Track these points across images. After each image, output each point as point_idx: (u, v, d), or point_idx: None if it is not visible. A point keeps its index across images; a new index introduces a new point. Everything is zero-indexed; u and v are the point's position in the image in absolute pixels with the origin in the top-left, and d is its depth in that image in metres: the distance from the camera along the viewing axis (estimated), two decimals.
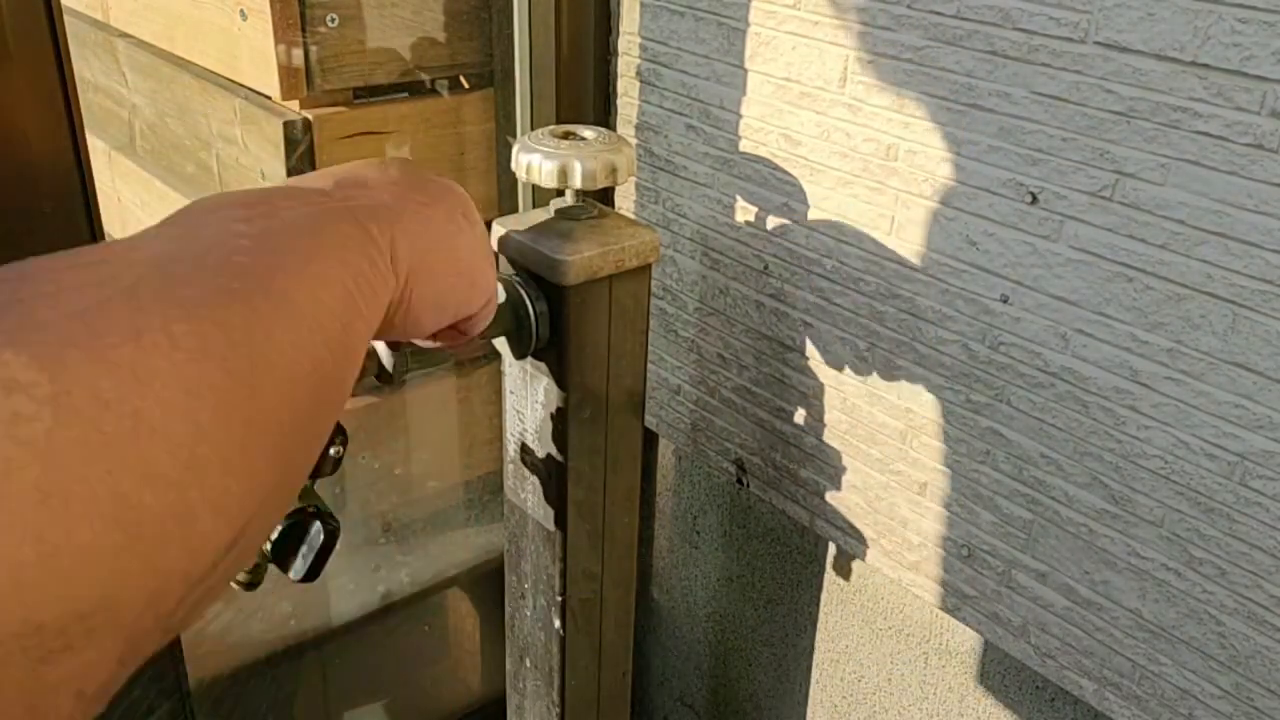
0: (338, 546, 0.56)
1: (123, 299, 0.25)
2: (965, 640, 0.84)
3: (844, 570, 0.93)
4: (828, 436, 0.85)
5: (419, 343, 0.54)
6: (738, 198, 0.86)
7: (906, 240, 0.73)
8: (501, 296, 0.68)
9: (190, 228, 0.31)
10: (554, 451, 0.71)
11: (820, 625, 0.98)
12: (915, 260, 0.73)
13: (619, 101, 0.94)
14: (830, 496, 0.87)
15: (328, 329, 0.31)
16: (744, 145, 0.83)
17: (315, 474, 0.56)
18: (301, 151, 0.89)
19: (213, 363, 0.26)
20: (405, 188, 0.41)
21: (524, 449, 0.74)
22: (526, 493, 0.75)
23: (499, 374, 0.76)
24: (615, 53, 0.93)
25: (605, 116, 0.96)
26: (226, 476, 0.26)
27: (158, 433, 0.24)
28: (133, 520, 0.23)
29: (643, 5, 0.88)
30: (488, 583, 1.18)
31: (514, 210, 1.01)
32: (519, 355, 0.70)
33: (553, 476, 0.72)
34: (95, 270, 0.26)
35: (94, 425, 0.23)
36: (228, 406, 0.26)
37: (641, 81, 0.91)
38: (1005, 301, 0.69)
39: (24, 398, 0.22)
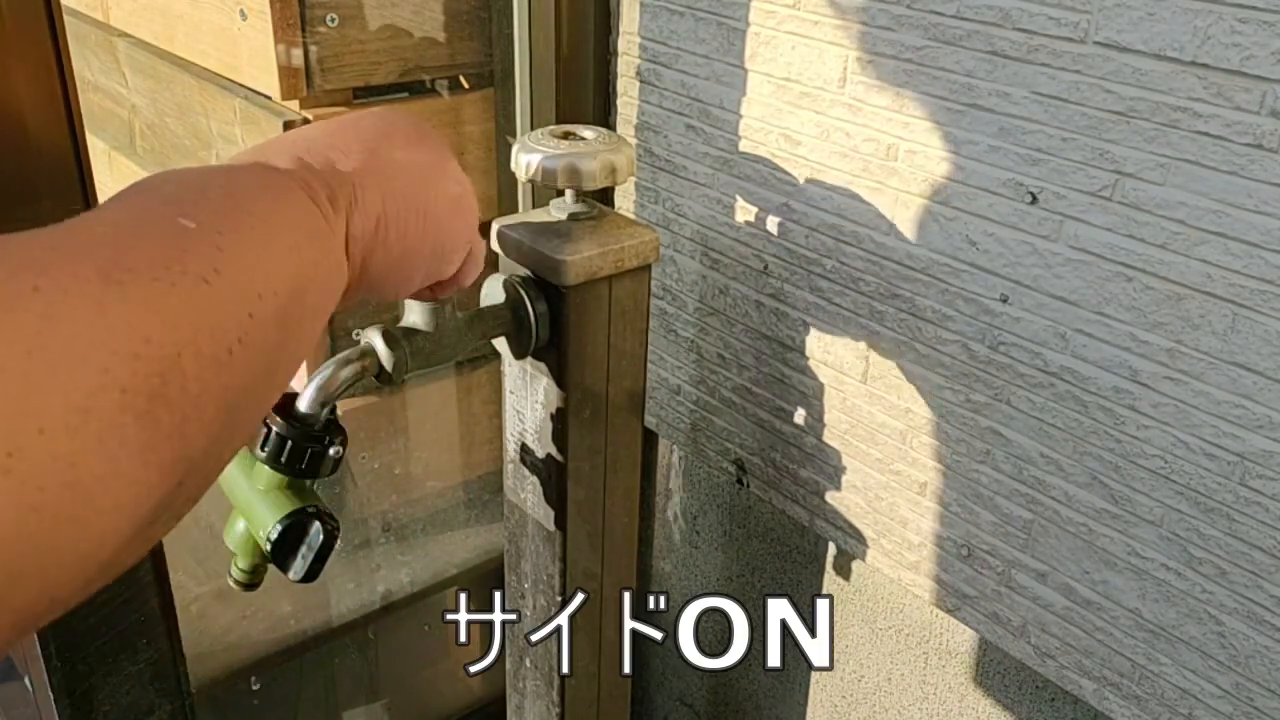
0: (338, 546, 0.56)
1: (36, 273, 0.25)
2: (965, 640, 0.84)
3: (844, 570, 0.93)
4: (828, 436, 0.85)
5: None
6: (738, 198, 0.86)
7: (906, 240, 0.73)
8: (500, 297, 0.68)
9: (134, 207, 0.31)
10: (554, 451, 0.71)
11: None
12: (915, 260, 0.73)
13: (619, 101, 0.94)
14: (830, 496, 0.87)
15: (267, 309, 0.31)
16: (744, 145, 0.83)
17: (315, 474, 0.56)
18: None
19: (132, 335, 0.26)
20: (377, 140, 0.42)
21: (524, 449, 0.74)
22: (526, 493, 0.75)
23: (499, 374, 0.76)
24: (615, 53, 0.93)
25: (605, 116, 0.96)
26: (134, 459, 0.25)
27: (56, 413, 0.23)
28: (23, 500, 0.22)
29: (643, 5, 0.88)
30: (487, 583, 1.18)
31: (514, 210, 1.01)
32: (519, 355, 0.70)
33: (553, 476, 0.72)
34: (14, 243, 0.26)
35: None
36: (146, 384, 0.26)
37: (641, 81, 0.91)
38: (1005, 301, 0.69)
39: None
